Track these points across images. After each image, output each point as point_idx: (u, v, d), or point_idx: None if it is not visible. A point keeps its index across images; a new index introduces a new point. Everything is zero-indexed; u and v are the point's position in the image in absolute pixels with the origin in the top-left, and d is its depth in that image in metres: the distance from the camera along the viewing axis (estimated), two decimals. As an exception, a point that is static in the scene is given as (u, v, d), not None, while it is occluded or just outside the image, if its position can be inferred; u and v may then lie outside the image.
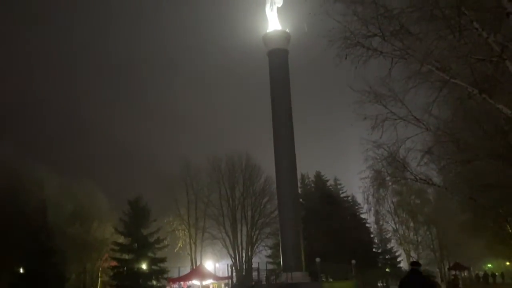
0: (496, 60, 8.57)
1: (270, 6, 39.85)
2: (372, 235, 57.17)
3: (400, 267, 54.79)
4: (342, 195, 58.20)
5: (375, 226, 56.89)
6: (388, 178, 16.91)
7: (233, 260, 48.83)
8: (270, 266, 44.51)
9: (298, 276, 32.84)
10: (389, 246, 57.16)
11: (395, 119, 14.60)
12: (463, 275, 50.04)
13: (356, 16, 9.13)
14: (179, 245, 50.18)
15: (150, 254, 40.31)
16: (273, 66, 38.86)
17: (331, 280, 39.67)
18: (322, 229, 45.48)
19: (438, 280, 46.92)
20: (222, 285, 38.39)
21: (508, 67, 8.39)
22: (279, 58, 38.68)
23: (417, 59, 9.39)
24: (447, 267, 53.53)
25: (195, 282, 34.20)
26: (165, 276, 39.87)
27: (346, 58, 10.00)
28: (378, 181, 16.81)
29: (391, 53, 9.45)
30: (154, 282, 40.07)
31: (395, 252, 56.97)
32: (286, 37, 39.17)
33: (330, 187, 57.90)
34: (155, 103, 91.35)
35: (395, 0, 9.54)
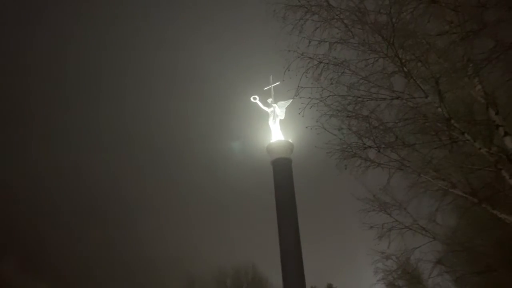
0: (492, 170, 8.61)
1: (273, 119, 41.70)
2: None
3: None
4: (356, 309, 54.30)
5: None
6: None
7: None
8: None
9: None
10: None
11: (401, 228, 14.26)
12: None
13: (351, 130, 9.43)
14: None
15: None
16: (277, 175, 39.18)
17: None
18: None
19: None
20: None
21: (505, 177, 8.39)
22: (282, 167, 39.19)
23: (414, 169, 9.48)
24: None
25: None
26: None
27: (346, 168, 10.15)
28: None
29: (388, 164, 9.57)
30: None
31: None
32: (289, 146, 40.21)
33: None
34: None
35: (389, 113, 9.95)
